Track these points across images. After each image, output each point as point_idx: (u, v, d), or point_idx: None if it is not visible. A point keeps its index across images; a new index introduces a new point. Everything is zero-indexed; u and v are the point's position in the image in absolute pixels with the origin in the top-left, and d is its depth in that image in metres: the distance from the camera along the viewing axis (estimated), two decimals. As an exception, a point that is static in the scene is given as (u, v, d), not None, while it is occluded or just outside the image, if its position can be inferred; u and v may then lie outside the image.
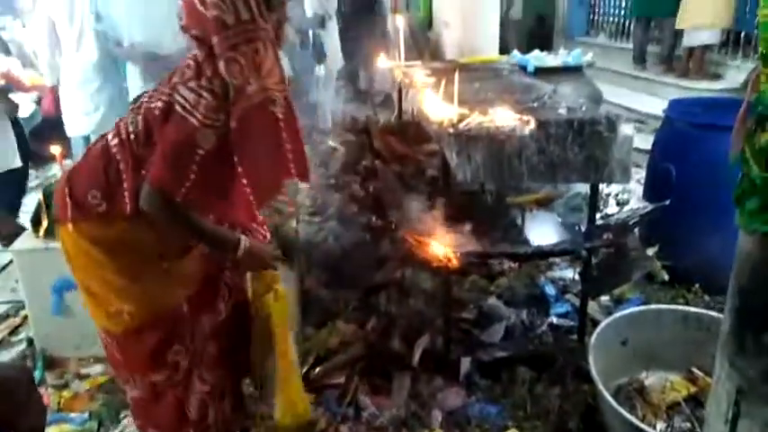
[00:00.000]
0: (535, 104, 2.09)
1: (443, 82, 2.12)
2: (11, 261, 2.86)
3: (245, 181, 1.38)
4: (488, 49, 3.63)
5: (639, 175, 3.52)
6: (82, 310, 2.38)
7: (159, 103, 1.36)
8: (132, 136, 1.41)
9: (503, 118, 1.87)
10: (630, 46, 6.66)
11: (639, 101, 5.47)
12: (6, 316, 2.83)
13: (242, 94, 1.31)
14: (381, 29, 5.92)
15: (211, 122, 1.31)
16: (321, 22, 4.93)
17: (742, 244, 1.14)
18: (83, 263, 1.51)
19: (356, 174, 3.05)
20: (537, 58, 3.46)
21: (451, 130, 1.86)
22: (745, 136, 1.06)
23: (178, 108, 1.32)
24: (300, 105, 5.95)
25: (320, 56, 5.02)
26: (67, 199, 1.45)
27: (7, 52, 3.83)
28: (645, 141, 4.26)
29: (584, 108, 2.00)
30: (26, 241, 2.41)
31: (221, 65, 1.29)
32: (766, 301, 1.09)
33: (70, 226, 1.46)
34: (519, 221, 2.38)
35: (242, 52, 1.28)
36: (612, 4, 7.38)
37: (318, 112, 5.56)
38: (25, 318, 2.67)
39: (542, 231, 2.26)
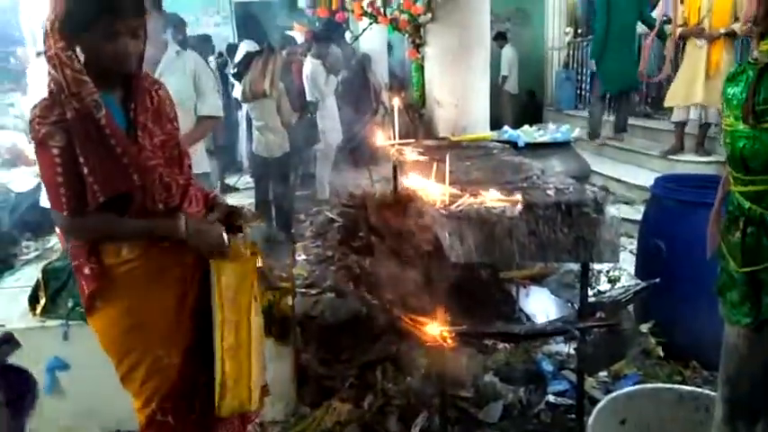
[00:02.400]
0: (525, 185, 2.16)
1: (436, 161, 2.20)
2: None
3: (85, 170, 1.39)
4: (479, 126, 3.75)
5: (632, 245, 3.56)
6: (74, 390, 2.37)
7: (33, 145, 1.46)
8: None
9: (493, 199, 1.93)
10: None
11: (628, 172, 5.60)
12: (-4, 395, 2.77)
13: (66, 92, 1.37)
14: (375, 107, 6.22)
15: (46, 119, 1.39)
16: (315, 107, 5.21)
17: (728, 335, 1.16)
18: (125, 325, 1.55)
19: (352, 248, 3.09)
20: (527, 133, 3.56)
21: (444, 211, 1.91)
22: (721, 232, 1.10)
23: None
24: (299, 177, 6.07)
25: (314, 135, 5.28)
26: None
27: (16, 127, 3.97)
28: (636, 212, 4.34)
29: (571, 189, 2.06)
30: (22, 320, 2.41)
31: (50, 67, 1.40)
32: (755, 393, 1.10)
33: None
34: (513, 298, 2.40)
35: (61, 57, 1.37)
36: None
37: (317, 183, 5.72)
38: (15, 397, 2.62)
39: (536, 308, 2.28)
